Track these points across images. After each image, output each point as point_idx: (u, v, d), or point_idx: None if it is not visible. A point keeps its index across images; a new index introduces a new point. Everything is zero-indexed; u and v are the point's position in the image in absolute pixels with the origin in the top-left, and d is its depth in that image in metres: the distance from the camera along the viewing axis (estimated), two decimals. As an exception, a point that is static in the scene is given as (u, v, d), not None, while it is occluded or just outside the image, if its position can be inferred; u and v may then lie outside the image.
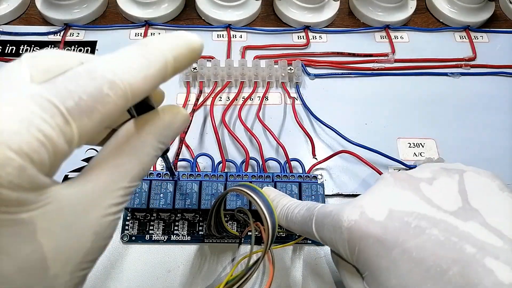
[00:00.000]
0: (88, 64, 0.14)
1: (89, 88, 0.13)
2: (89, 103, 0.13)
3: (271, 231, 0.23)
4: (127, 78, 0.14)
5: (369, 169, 0.34)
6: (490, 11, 0.48)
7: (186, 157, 0.35)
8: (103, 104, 0.14)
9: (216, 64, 0.40)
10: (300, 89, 0.41)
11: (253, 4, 0.46)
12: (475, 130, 0.39)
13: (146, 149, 0.17)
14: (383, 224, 0.20)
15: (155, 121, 0.17)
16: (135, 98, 0.15)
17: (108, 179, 0.15)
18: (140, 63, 0.15)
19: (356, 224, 0.20)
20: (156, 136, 0.17)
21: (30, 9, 0.46)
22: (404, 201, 0.20)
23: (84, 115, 0.13)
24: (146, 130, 0.17)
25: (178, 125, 0.18)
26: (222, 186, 0.31)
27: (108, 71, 0.14)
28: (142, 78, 0.14)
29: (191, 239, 0.32)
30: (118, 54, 0.15)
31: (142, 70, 0.15)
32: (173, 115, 0.18)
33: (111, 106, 0.14)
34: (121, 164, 0.16)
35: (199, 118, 0.38)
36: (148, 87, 0.15)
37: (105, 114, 0.14)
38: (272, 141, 0.37)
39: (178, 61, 0.16)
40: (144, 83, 0.15)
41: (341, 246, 0.21)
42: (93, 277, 0.30)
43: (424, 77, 0.43)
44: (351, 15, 0.48)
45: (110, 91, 0.14)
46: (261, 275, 0.31)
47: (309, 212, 0.24)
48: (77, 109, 0.13)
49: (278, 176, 0.32)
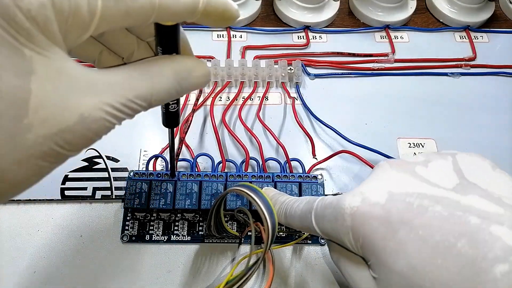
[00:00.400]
0: None
1: None
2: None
3: (271, 231, 0.23)
4: None
5: (369, 169, 0.34)
6: (490, 11, 0.48)
7: (186, 157, 0.35)
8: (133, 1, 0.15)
9: (216, 64, 0.40)
10: (300, 89, 0.41)
11: (253, 4, 0.46)
12: (475, 130, 0.39)
13: (161, 78, 0.17)
14: (385, 206, 0.20)
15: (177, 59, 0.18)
16: (161, 12, 0.16)
17: (115, 81, 0.16)
18: None
19: (358, 210, 0.20)
20: (174, 71, 0.18)
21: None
22: (403, 183, 0.21)
23: None
24: (166, 61, 0.18)
25: (198, 75, 0.19)
26: (222, 186, 0.31)
27: None
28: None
29: (191, 239, 0.32)
30: None
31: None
32: (196, 63, 0.19)
33: (137, 3, 0.15)
34: (132, 77, 0.17)
35: (199, 118, 0.38)
36: (176, 11, 0.16)
37: (130, 9, 0.15)
38: (272, 141, 0.37)
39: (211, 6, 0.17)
40: (173, 3, 0.16)
41: (344, 234, 0.21)
42: (93, 277, 0.30)
43: (424, 77, 0.43)
44: (351, 15, 0.48)
45: None
46: (261, 275, 0.31)
47: (308, 205, 0.24)
48: None
49: (278, 176, 0.32)
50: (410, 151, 0.38)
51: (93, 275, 0.30)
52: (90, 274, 0.30)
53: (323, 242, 0.32)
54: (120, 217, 0.32)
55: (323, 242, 0.32)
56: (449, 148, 0.37)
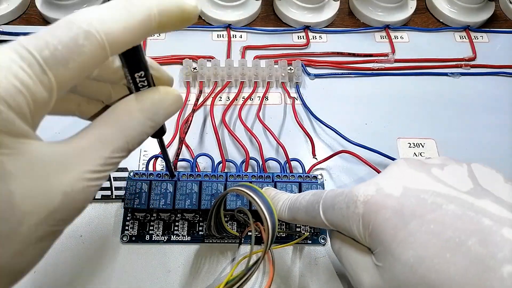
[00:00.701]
0: (71, 15, 0.14)
1: (64, 38, 0.14)
2: (64, 53, 0.14)
3: (271, 231, 0.23)
4: (104, 29, 0.14)
5: (369, 169, 0.34)
6: (490, 11, 0.48)
7: (186, 157, 0.35)
8: (79, 54, 0.14)
9: (216, 64, 0.40)
10: (300, 89, 0.41)
11: (253, 4, 0.46)
12: (475, 130, 0.39)
13: (131, 123, 0.17)
14: (400, 199, 0.20)
15: (144, 97, 0.18)
16: (114, 49, 0.15)
17: (88, 145, 0.16)
18: (120, 13, 0.15)
19: (372, 199, 0.21)
20: (144, 112, 0.17)
21: (30, 9, 0.46)
22: (419, 181, 0.21)
23: (60, 65, 0.14)
24: (134, 105, 0.17)
25: (168, 104, 0.18)
26: (222, 186, 0.31)
27: (84, 22, 0.14)
28: (121, 29, 0.14)
29: (191, 239, 0.32)
30: (102, 5, 0.15)
31: (122, 20, 0.15)
32: (164, 94, 0.18)
33: (87, 56, 0.14)
34: (104, 134, 0.16)
35: (199, 118, 0.38)
36: (129, 39, 0.15)
37: (82, 64, 0.14)
38: (272, 141, 0.37)
39: (165, 17, 0.16)
40: (123, 35, 0.15)
41: (354, 222, 0.21)
42: (93, 277, 0.30)
43: (424, 77, 0.43)
44: (351, 15, 0.48)
45: (85, 41, 0.14)
46: (261, 275, 0.31)
47: (316, 196, 0.24)
48: (53, 59, 0.14)
49: (278, 176, 0.32)
50: (410, 151, 0.38)
51: (93, 275, 0.30)
52: (90, 274, 0.30)
53: (323, 242, 0.32)
54: (120, 217, 0.32)
55: (323, 242, 0.32)
56: (449, 148, 0.38)
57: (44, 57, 0.13)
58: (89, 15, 0.14)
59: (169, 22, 0.16)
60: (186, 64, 0.40)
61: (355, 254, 0.23)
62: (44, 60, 0.13)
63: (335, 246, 0.25)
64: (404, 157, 0.36)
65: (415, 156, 0.37)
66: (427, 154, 0.37)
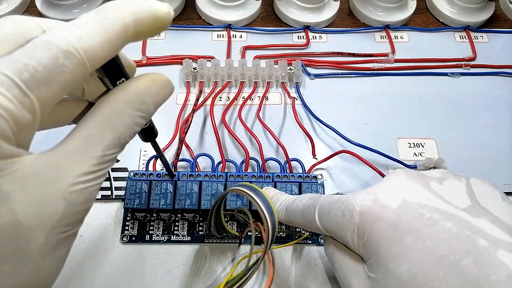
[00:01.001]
0: (46, 35, 0.14)
1: (44, 59, 0.14)
2: (45, 74, 0.14)
3: (271, 231, 0.23)
4: (83, 46, 0.14)
5: (369, 169, 0.34)
6: (490, 11, 0.48)
7: (186, 157, 0.35)
8: (60, 74, 0.14)
9: (216, 64, 0.40)
10: (300, 89, 0.41)
11: (253, 4, 0.46)
12: (475, 130, 0.39)
13: (120, 117, 0.17)
14: (397, 211, 0.20)
15: (128, 88, 0.17)
16: (94, 64, 0.15)
17: (77, 149, 0.16)
18: (96, 29, 0.15)
19: (369, 209, 0.20)
20: (130, 103, 0.17)
21: (30, 9, 0.46)
22: (417, 194, 0.21)
23: (42, 85, 0.14)
24: (118, 98, 0.17)
25: (156, 91, 0.18)
26: (222, 186, 0.31)
27: (63, 41, 0.14)
28: (99, 44, 0.14)
29: (191, 239, 0.32)
30: (76, 21, 0.15)
31: (99, 36, 0.15)
32: (149, 81, 0.17)
33: (68, 75, 0.14)
34: (92, 134, 0.16)
35: (199, 118, 0.38)
36: (107, 53, 0.15)
37: (64, 82, 0.14)
38: (272, 141, 0.37)
39: (139, 26, 0.15)
40: (101, 49, 0.15)
41: (348, 231, 0.21)
42: (93, 277, 0.30)
43: (424, 77, 0.43)
44: (351, 15, 0.48)
45: (65, 60, 0.14)
46: (261, 275, 0.31)
47: (312, 200, 0.24)
48: (33, 81, 0.13)
49: (278, 176, 0.32)
50: (410, 151, 0.38)
51: (93, 275, 0.30)
52: (90, 274, 0.30)
53: (323, 242, 0.32)
54: (120, 217, 0.32)
55: (323, 242, 0.32)
56: (449, 148, 0.38)
57: (24, 80, 0.13)
58: (66, 34, 0.14)
59: (144, 30, 0.16)
60: (186, 64, 0.40)
61: (347, 261, 0.22)
62: (24, 83, 0.13)
63: (328, 251, 0.25)
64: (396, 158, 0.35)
65: (414, 156, 0.37)
66: (427, 154, 0.37)
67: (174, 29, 0.45)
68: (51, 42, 0.14)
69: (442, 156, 0.37)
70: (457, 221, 0.19)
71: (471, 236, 0.18)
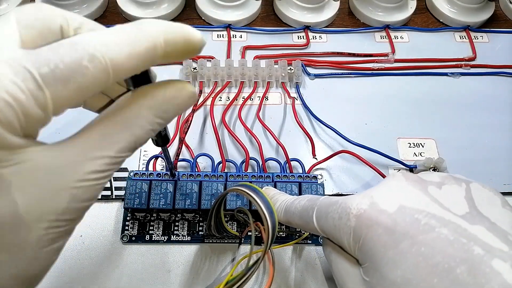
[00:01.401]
0: (75, 36, 0.14)
1: (67, 58, 0.13)
2: (65, 72, 0.13)
3: (271, 231, 0.23)
4: (109, 54, 0.14)
5: (369, 169, 0.34)
6: (490, 11, 0.48)
7: (186, 157, 0.35)
8: (81, 75, 0.14)
9: (216, 64, 0.40)
10: (300, 89, 0.41)
11: (253, 4, 0.46)
12: (475, 130, 0.39)
13: (140, 121, 0.16)
14: (393, 216, 0.20)
15: (154, 93, 0.16)
16: (118, 74, 0.15)
17: (92, 146, 0.15)
18: (127, 40, 0.14)
19: (365, 213, 0.20)
20: (153, 109, 0.16)
21: (30, 9, 0.45)
22: (414, 199, 0.21)
23: (59, 83, 0.13)
24: (142, 101, 0.16)
25: (181, 101, 0.17)
26: (222, 186, 0.31)
27: (90, 44, 0.14)
28: (126, 55, 0.14)
29: (191, 239, 0.32)
30: (108, 30, 0.15)
31: (128, 47, 0.14)
32: (177, 90, 0.17)
33: (89, 78, 0.14)
34: (110, 134, 0.16)
35: (199, 118, 0.38)
36: (133, 66, 0.15)
37: (83, 85, 0.14)
38: (272, 141, 0.37)
39: (170, 46, 0.15)
40: (128, 61, 0.14)
41: (345, 234, 0.21)
42: (93, 277, 0.30)
43: (424, 77, 0.43)
44: (351, 15, 0.48)
45: (89, 63, 0.14)
46: (261, 275, 0.31)
47: (311, 202, 0.24)
48: (51, 76, 0.13)
49: (278, 176, 0.32)
50: (410, 151, 0.38)
51: (93, 275, 0.30)
52: (90, 274, 0.30)
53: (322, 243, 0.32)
54: (120, 217, 0.32)
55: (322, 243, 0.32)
56: (449, 148, 0.38)
57: (42, 74, 0.13)
58: (94, 39, 0.14)
59: (173, 52, 0.16)
60: (186, 64, 0.40)
61: (344, 263, 0.23)
62: (41, 76, 0.13)
63: (326, 251, 0.25)
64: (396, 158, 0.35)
65: (414, 156, 0.37)
66: (427, 154, 0.37)
67: (174, 29, 0.45)
68: (78, 43, 0.14)
69: (442, 156, 0.37)
70: (454, 228, 0.19)
71: (467, 244, 0.18)
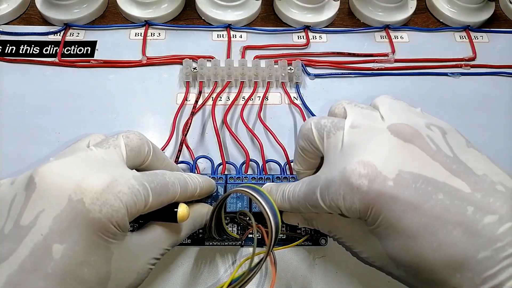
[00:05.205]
0: (164, 170, 0.25)
1: (162, 181, 0.23)
2: (159, 189, 0.23)
3: (275, 232, 0.23)
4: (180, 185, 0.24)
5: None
6: (490, 11, 0.48)
7: (186, 158, 0.35)
8: (166, 192, 0.23)
9: (216, 64, 0.40)
10: (300, 89, 0.41)
11: (253, 4, 0.46)
12: (475, 130, 0.39)
13: (184, 228, 0.26)
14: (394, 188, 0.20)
15: (196, 211, 0.28)
16: (179, 198, 0.24)
17: (159, 240, 0.24)
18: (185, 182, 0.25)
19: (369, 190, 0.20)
20: (193, 222, 0.27)
21: (30, 9, 0.45)
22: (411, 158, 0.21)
23: (156, 194, 0.22)
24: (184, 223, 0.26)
25: (205, 213, 0.28)
26: (222, 189, 0.31)
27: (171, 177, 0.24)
28: (184, 189, 0.25)
29: (192, 242, 0.32)
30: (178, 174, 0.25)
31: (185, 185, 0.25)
32: (206, 210, 0.29)
33: (170, 195, 0.23)
34: (170, 232, 0.25)
35: (199, 118, 0.38)
36: (188, 197, 0.26)
37: (165, 198, 0.23)
38: (272, 142, 0.37)
39: (204, 189, 0.27)
40: (186, 193, 0.25)
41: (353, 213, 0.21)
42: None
43: (424, 77, 0.43)
44: (351, 15, 0.48)
45: (170, 187, 0.24)
46: (263, 278, 0.31)
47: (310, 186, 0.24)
48: (154, 190, 0.22)
49: (278, 178, 0.32)
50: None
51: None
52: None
53: (324, 243, 0.32)
54: (121, 218, 0.32)
55: (324, 243, 0.32)
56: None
57: (151, 187, 0.22)
58: (173, 175, 0.24)
59: (203, 192, 0.28)
60: (186, 64, 0.40)
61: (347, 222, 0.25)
62: (151, 189, 0.22)
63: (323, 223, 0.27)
64: None
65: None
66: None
67: (174, 29, 0.45)
68: (166, 174, 0.24)
69: (442, 157, 0.37)
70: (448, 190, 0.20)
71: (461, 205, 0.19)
